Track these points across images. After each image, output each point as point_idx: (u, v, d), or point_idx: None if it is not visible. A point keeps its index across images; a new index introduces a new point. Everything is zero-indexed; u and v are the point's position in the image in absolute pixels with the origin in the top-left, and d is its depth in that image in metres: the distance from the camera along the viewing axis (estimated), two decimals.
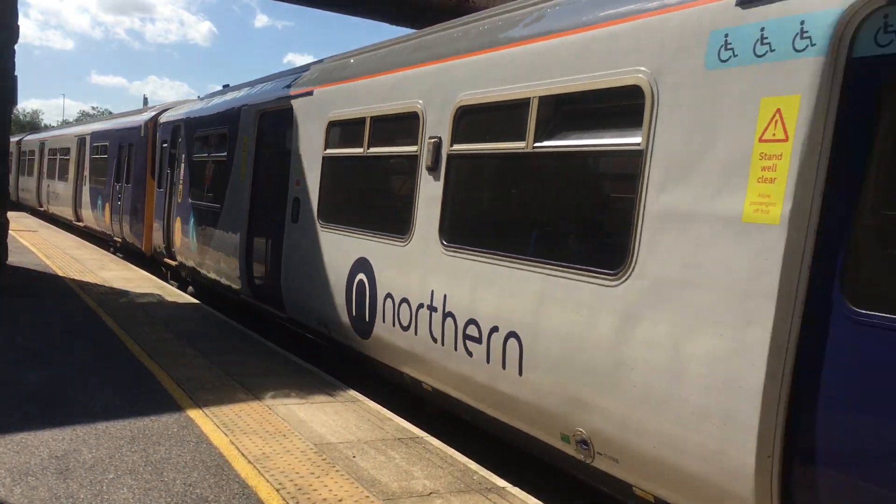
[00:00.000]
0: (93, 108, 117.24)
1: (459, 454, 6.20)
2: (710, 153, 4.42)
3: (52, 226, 26.48)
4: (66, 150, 25.52)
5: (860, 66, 3.85)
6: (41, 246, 19.24)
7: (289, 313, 9.79)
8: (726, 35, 4.41)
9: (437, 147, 6.90)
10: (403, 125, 7.50)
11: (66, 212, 25.23)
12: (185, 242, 13.71)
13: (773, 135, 4.11)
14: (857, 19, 3.79)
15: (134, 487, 5.04)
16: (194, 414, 6.65)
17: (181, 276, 14.60)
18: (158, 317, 10.97)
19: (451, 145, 6.74)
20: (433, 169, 6.94)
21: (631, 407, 4.73)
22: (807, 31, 3.98)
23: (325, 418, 6.81)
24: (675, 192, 4.58)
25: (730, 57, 4.37)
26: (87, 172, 22.60)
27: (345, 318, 8.26)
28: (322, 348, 9.33)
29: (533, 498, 5.38)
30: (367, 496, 5.16)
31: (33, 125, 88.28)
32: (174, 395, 7.16)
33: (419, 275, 6.98)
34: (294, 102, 9.85)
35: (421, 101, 7.23)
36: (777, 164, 4.06)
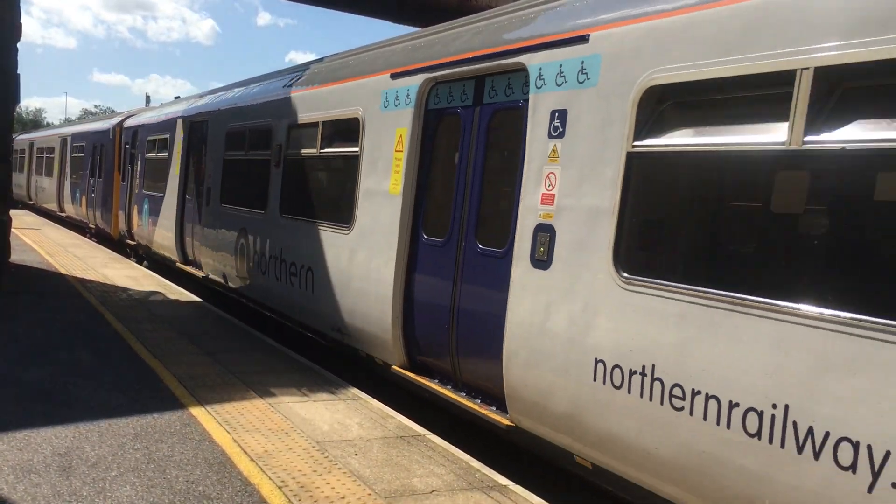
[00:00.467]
0: (95, 107, 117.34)
1: (461, 452, 6.21)
2: (381, 156, 7.84)
3: (53, 223, 26.53)
4: (52, 150, 28.69)
5: (427, 113, 7.39)
6: (44, 244, 19.28)
7: (204, 272, 13.13)
8: (386, 94, 7.91)
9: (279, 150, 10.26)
10: (263, 135, 10.84)
11: (52, 204, 28.41)
12: (141, 225, 17.18)
13: (398, 148, 7.58)
14: (424, 89, 7.38)
15: (136, 485, 5.06)
16: (197, 412, 6.67)
17: (139, 254, 18.14)
18: (161, 315, 10.99)
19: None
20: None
21: (352, 302, 8.19)
22: (409, 95, 7.52)
23: (327, 416, 6.83)
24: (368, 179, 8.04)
25: (388, 105, 7.84)
26: (68, 169, 26.01)
27: (233, 272, 11.64)
28: (324, 349, 9.35)
29: (535, 496, 5.39)
30: (370, 494, 5.17)
31: (36, 124, 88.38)
32: (177, 393, 7.17)
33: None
34: (209, 116, 13.39)
35: (271, 120, 10.63)
36: (400, 163, 7.52)
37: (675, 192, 5.02)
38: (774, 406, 3.99)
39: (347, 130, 8.69)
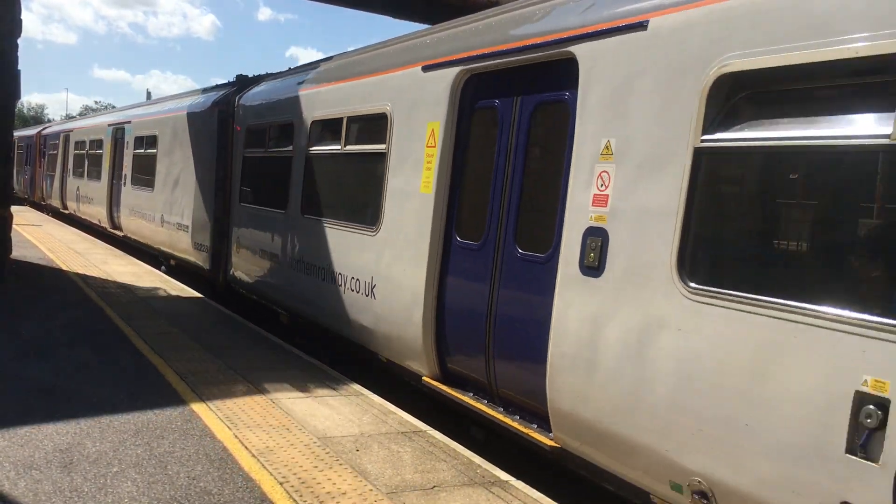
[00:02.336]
0: (95, 103, 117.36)
1: (462, 447, 6.20)
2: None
3: (55, 219, 26.53)
4: (20, 147, 37.03)
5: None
6: (45, 240, 19.28)
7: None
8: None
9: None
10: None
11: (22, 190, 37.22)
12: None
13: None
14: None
15: (138, 481, 5.06)
16: (198, 407, 6.67)
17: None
18: (161, 311, 10.99)
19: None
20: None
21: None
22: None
23: (328, 412, 6.82)
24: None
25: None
26: (23, 163, 36.53)
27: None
28: (326, 345, 9.34)
29: (536, 491, 5.39)
30: (371, 489, 5.17)
31: (38, 120, 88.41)
32: (178, 389, 7.17)
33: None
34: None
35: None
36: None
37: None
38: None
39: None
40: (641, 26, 5.03)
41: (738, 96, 4.42)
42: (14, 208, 13.88)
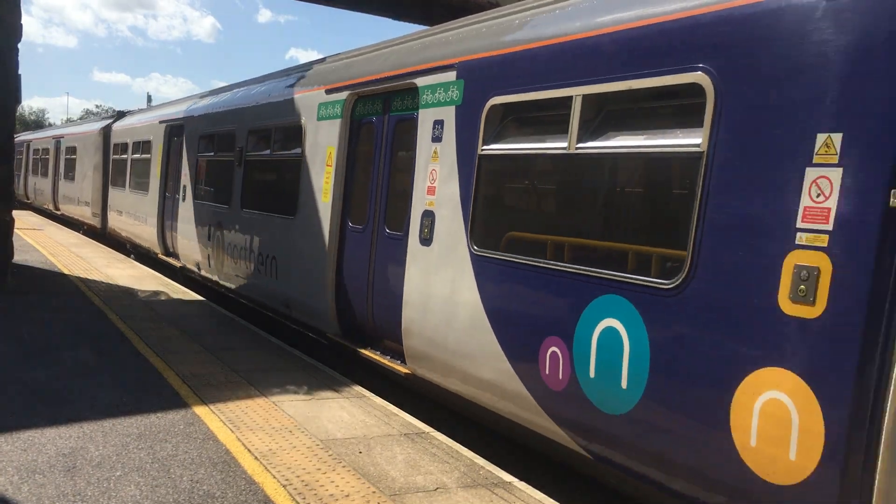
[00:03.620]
0: (96, 106, 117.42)
1: (465, 449, 6.20)
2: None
3: (55, 223, 26.55)
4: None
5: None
6: (46, 244, 19.29)
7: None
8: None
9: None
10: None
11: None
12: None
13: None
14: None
15: (141, 484, 5.05)
16: (200, 410, 6.66)
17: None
18: (164, 314, 10.99)
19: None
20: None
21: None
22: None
23: (330, 414, 6.82)
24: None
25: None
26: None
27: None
28: (322, 346, 9.36)
29: (539, 492, 5.38)
30: (374, 491, 5.17)
31: (38, 124, 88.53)
32: (180, 392, 7.17)
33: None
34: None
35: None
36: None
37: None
38: None
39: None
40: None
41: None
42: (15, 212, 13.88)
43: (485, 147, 6.45)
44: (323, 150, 9.25)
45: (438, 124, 7.12)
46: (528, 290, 5.86)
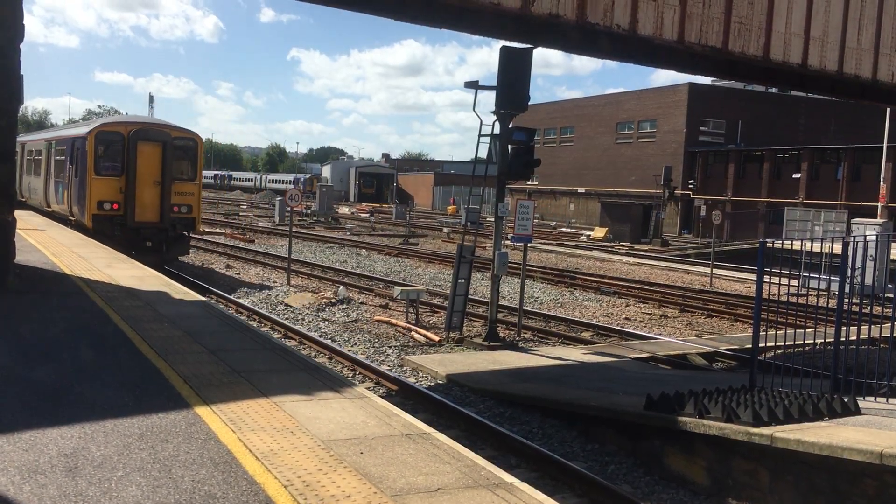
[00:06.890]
0: (99, 107, 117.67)
1: (467, 449, 6.19)
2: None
3: (58, 224, 26.62)
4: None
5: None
6: (48, 244, 19.33)
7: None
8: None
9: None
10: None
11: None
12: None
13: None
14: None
15: (142, 485, 5.06)
16: (202, 411, 6.67)
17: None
18: (165, 314, 11.00)
19: None
20: None
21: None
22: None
23: (332, 415, 6.82)
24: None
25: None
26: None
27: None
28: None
29: (540, 493, 5.38)
30: (375, 492, 5.17)
31: (41, 125, 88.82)
32: (182, 392, 7.18)
33: None
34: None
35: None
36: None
37: None
38: None
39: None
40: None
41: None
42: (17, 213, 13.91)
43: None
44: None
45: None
46: None
